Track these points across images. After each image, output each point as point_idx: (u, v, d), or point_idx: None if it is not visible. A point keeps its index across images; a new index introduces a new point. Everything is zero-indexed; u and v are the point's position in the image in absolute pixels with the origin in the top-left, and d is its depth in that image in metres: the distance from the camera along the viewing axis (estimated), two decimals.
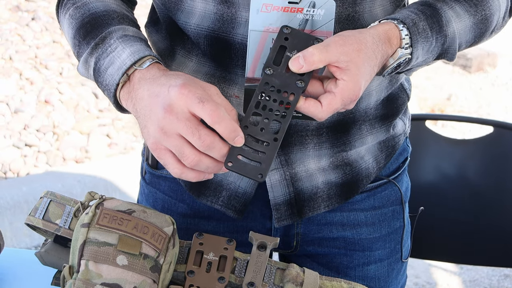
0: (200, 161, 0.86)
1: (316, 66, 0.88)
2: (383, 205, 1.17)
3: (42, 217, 0.98)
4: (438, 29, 0.99)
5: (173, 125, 0.85)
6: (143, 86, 0.91)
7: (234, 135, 0.85)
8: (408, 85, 1.18)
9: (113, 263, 0.87)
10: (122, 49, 0.95)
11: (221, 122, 0.84)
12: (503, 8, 1.09)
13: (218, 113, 0.84)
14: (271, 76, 0.90)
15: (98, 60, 0.97)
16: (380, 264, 1.18)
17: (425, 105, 4.61)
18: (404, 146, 1.21)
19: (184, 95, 0.85)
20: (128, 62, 0.93)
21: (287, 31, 0.92)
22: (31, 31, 4.35)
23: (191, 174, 0.88)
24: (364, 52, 0.90)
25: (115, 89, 0.94)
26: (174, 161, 0.87)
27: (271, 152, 0.88)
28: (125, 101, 0.94)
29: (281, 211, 1.11)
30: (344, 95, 0.88)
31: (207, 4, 1.00)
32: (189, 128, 0.84)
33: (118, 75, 0.93)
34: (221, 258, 0.97)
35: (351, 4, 0.99)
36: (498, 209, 1.73)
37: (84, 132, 3.64)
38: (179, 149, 0.86)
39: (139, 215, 0.92)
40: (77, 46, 1.02)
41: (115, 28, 0.99)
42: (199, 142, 0.84)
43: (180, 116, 0.85)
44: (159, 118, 0.86)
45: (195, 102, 0.84)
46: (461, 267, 2.96)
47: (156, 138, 0.87)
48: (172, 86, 0.86)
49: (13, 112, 3.68)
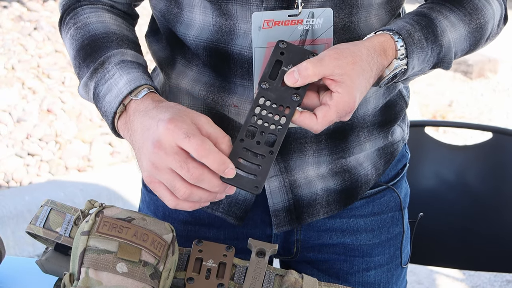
0: (192, 193, 0.88)
1: (310, 80, 0.89)
2: (382, 211, 1.18)
3: (42, 226, 0.99)
4: (434, 39, 1.00)
5: (162, 160, 0.87)
6: (137, 118, 0.93)
7: (223, 168, 0.86)
8: (406, 92, 1.19)
9: (113, 270, 0.88)
10: (119, 76, 0.97)
11: (209, 156, 0.86)
12: (497, 15, 1.10)
13: (204, 147, 0.85)
14: (267, 90, 0.91)
15: (97, 85, 0.99)
16: (379, 270, 1.19)
17: (426, 111, 4.61)
18: (403, 152, 1.21)
19: (170, 130, 0.86)
20: (125, 91, 0.95)
21: (283, 46, 0.93)
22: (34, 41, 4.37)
23: (186, 205, 0.90)
24: (359, 64, 0.91)
25: (113, 117, 0.96)
26: (168, 193, 0.89)
27: (267, 165, 0.89)
28: (123, 131, 0.96)
29: (280, 217, 1.12)
30: (339, 108, 0.90)
31: (206, 16, 1.01)
32: (177, 162, 0.86)
33: (115, 103, 0.96)
34: (220, 265, 0.98)
35: (347, 14, 1.00)
36: (498, 214, 1.73)
37: (87, 141, 3.65)
38: (171, 182, 0.88)
39: (138, 222, 0.93)
40: (77, 67, 1.05)
41: (114, 52, 1.00)
42: (188, 175, 0.86)
43: (168, 151, 0.86)
44: (149, 152, 0.88)
45: (181, 137, 0.86)
46: (463, 273, 2.96)
47: (149, 172, 0.89)
48: (161, 120, 0.88)
49: (15, 122, 3.69)
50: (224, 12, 1.00)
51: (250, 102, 1.03)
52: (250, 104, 1.03)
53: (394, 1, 1.05)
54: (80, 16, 1.07)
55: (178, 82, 1.08)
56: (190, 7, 1.03)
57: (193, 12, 1.03)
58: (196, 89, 1.07)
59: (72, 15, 1.09)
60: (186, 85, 1.07)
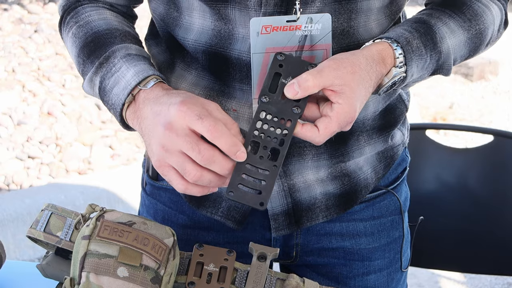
0: (202, 176, 0.87)
1: (311, 91, 0.89)
2: (382, 215, 1.18)
3: (43, 230, 0.99)
4: (432, 46, 1.00)
5: (173, 142, 0.87)
6: (147, 106, 0.93)
7: (235, 150, 0.86)
8: (406, 96, 1.18)
9: (114, 274, 0.88)
10: (126, 68, 0.97)
11: (221, 137, 0.86)
12: (497, 21, 1.09)
13: (217, 128, 0.86)
14: (268, 104, 0.91)
15: (103, 79, 0.99)
16: (379, 273, 1.19)
17: (427, 114, 4.61)
18: (403, 156, 1.21)
19: (183, 112, 0.87)
20: (133, 83, 0.95)
21: (281, 58, 0.93)
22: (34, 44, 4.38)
23: (195, 189, 0.90)
24: (358, 74, 0.91)
25: (121, 108, 0.96)
26: (178, 177, 0.89)
27: (271, 180, 0.89)
28: (131, 120, 0.96)
29: (279, 221, 1.12)
30: (340, 118, 0.90)
31: (205, 21, 1.02)
32: (189, 144, 0.86)
33: (124, 95, 0.96)
34: (222, 269, 0.98)
35: (346, 19, 1.00)
36: (499, 217, 1.73)
37: (87, 144, 3.65)
38: (181, 165, 0.87)
39: (139, 226, 0.93)
40: (81, 64, 1.05)
41: (118, 47, 1.01)
42: (199, 156, 0.86)
43: (180, 133, 0.86)
44: (160, 136, 0.88)
45: (194, 118, 0.86)
46: (465, 276, 2.96)
47: (159, 156, 0.89)
48: (172, 104, 0.88)
49: (16, 124, 3.69)
50: (223, 16, 1.00)
51: (249, 106, 1.03)
52: (249, 108, 1.03)
53: (394, 5, 1.05)
54: (82, 15, 1.07)
55: (177, 86, 1.09)
56: (189, 11, 1.03)
57: (192, 16, 1.03)
58: (195, 93, 1.07)
59: (73, 14, 1.09)
60: (185, 88, 1.07)
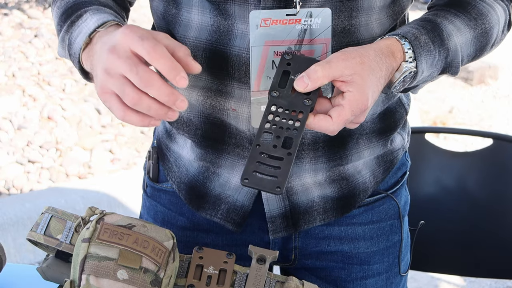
0: (140, 99, 0.85)
1: (321, 82, 0.88)
2: (381, 219, 1.17)
3: (43, 233, 0.99)
4: (440, 42, 1.00)
5: (115, 64, 0.86)
6: (98, 42, 0.93)
7: (174, 73, 0.84)
8: (406, 100, 1.18)
9: (114, 277, 0.88)
10: (90, 18, 0.97)
11: (160, 59, 0.84)
12: (502, 21, 1.09)
13: (156, 50, 0.84)
14: (278, 98, 0.90)
15: (71, 34, 1.00)
16: (378, 277, 1.18)
17: (426, 118, 4.62)
18: (403, 160, 1.21)
19: (126, 34, 0.86)
20: (92, 27, 0.95)
21: (288, 57, 0.92)
22: (34, 48, 4.38)
23: (134, 117, 0.87)
24: (368, 64, 0.90)
25: (79, 54, 0.96)
26: (118, 102, 0.87)
27: (287, 166, 0.87)
28: (85, 61, 0.96)
29: (276, 223, 1.12)
30: (353, 106, 0.89)
31: (204, 17, 1.02)
32: (128, 66, 0.85)
33: (82, 40, 0.96)
34: (221, 272, 0.98)
35: (347, 17, 1.00)
36: (499, 221, 1.73)
37: (87, 148, 3.65)
38: (120, 87, 0.86)
39: (139, 229, 0.93)
40: (59, 31, 1.05)
41: (92, 7, 1.01)
42: (137, 78, 0.84)
43: (121, 55, 0.86)
44: (104, 60, 0.87)
45: (135, 40, 0.85)
46: (465, 279, 2.96)
47: (102, 82, 0.88)
48: (119, 31, 0.88)
49: (16, 129, 3.70)
50: (222, 11, 1.00)
51: (248, 105, 1.03)
52: (248, 107, 1.03)
53: (397, 5, 1.05)
54: None
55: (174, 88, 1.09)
56: (188, 7, 1.03)
57: (190, 12, 1.03)
58: (193, 95, 1.07)
59: None
60: (183, 91, 1.07)
